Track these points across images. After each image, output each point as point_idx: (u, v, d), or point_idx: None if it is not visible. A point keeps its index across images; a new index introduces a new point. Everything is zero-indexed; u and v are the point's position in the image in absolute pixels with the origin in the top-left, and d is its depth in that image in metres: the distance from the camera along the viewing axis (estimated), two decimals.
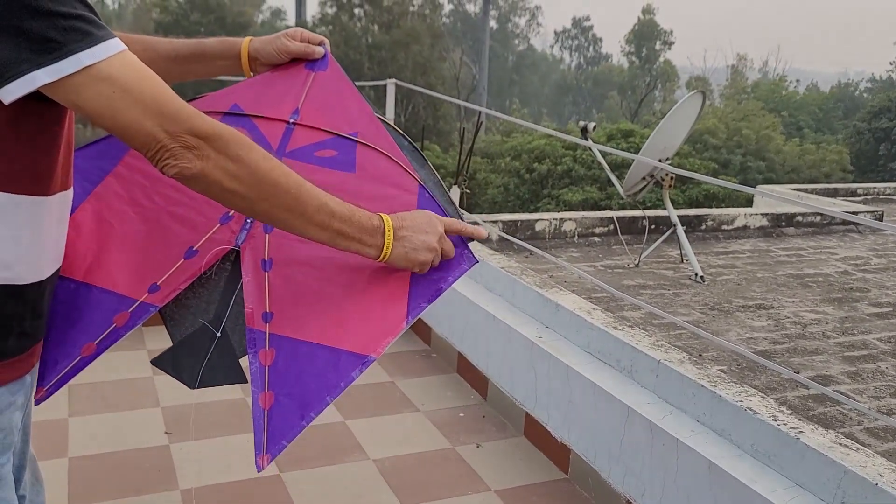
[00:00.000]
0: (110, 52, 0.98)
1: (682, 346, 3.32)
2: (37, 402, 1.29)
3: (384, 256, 1.24)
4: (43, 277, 1.13)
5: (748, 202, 13.05)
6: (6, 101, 0.95)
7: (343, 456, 2.73)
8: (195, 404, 3.03)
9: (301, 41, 1.49)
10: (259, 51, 1.47)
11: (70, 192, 1.18)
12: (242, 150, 1.07)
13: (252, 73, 1.51)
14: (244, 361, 1.34)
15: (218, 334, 1.35)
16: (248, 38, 1.47)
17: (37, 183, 1.06)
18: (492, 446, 2.87)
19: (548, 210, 16.42)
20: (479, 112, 4.35)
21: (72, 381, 3.27)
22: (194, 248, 1.37)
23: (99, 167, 1.44)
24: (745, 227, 6.03)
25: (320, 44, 1.51)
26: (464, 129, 5.28)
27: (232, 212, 1.39)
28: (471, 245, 1.40)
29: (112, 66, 0.98)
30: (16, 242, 1.06)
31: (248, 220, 1.39)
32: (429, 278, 1.33)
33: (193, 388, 1.34)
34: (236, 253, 1.38)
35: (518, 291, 3.23)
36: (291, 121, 1.49)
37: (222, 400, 3.07)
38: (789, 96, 35.18)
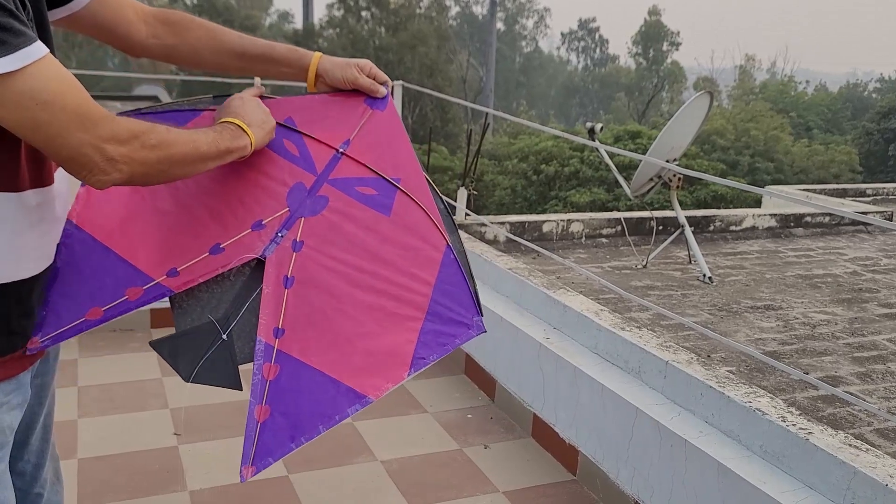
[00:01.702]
0: (29, 59, 0.95)
1: (690, 347, 3.31)
2: (29, 352, 1.26)
3: (254, 146, 1.33)
4: (26, 276, 1.12)
5: (756, 203, 13.00)
6: None
7: (351, 457, 2.73)
8: (203, 406, 3.03)
9: (369, 76, 1.52)
10: (327, 71, 1.50)
11: (55, 188, 1.17)
12: (156, 136, 1.11)
13: (314, 88, 1.53)
14: (243, 369, 1.35)
15: (224, 337, 1.36)
16: (318, 55, 1.50)
17: (4, 179, 1.05)
18: (499, 447, 2.87)
19: (555, 211, 16.39)
20: (487, 114, 4.35)
21: (81, 383, 3.27)
22: (221, 246, 1.39)
23: None
24: (753, 228, 6.01)
25: (384, 83, 1.54)
26: (471, 130, 5.28)
27: (266, 220, 1.42)
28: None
29: (31, 75, 0.95)
30: None
31: (279, 234, 1.42)
32: (437, 338, 1.38)
33: (187, 381, 1.35)
34: (257, 260, 1.39)
35: (526, 292, 3.23)
36: (341, 150, 1.51)
37: (230, 401, 3.08)
38: (798, 97, 35.03)
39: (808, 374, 3.23)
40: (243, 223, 1.41)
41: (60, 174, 1.19)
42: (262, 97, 1.48)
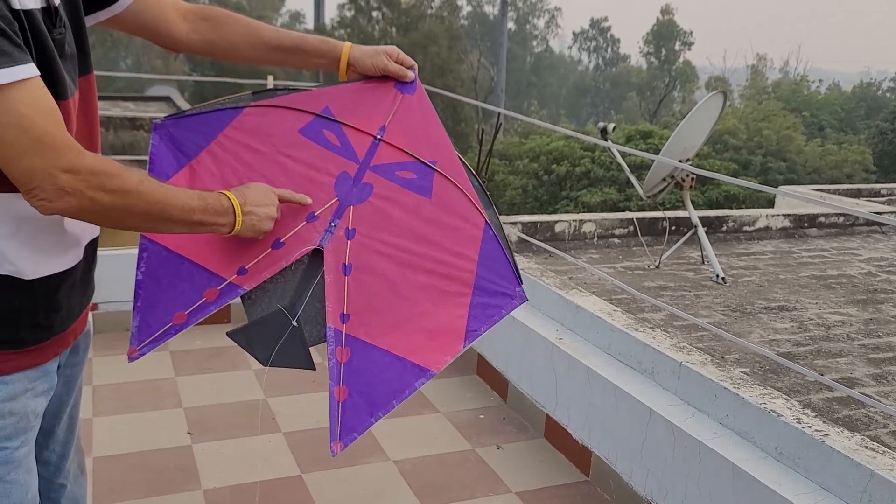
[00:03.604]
0: (4, 80, 0.97)
1: (703, 348, 3.30)
2: (130, 360, 1.43)
3: (235, 231, 1.32)
4: (53, 272, 1.16)
5: (769, 203, 12.92)
6: None
7: (364, 457, 2.74)
8: (216, 405, 3.05)
9: (397, 62, 1.56)
10: (357, 60, 1.55)
11: None
12: (120, 182, 1.10)
13: (346, 77, 1.58)
14: (314, 350, 1.48)
15: (294, 323, 1.47)
16: (348, 44, 1.55)
17: None
18: (512, 448, 2.87)
19: (566, 211, 16.35)
20: (498, 114, 4.35)
21: (96, 382, 3.29)
22: (281, 241, 1.49)
23: (194, 141, 1.52)
24: (766, 229, 5.98)
25: (411, 67, 1.59)
26: (482, 130, 5.27)
27: (318, 212, 1.51)
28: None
29: (3, 95, 0.98)
30: (12, 238, 1.09)
31: (332, 223, 1.51)
32: (485, 310, 1.49)
33: (265, 366, 1.47)
34: (314, 249, 1.50)
35: (538, 293, 3.22)
36: (378, 136, 1.56)
37: (242, 401, 3.09)
38: (811, 96, 34.80)
39: (823, 375, 3.21)
40: (298, 217, 1.50)
41: None
42: (296, 89, 1.54)
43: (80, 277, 1.25)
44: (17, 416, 1.15)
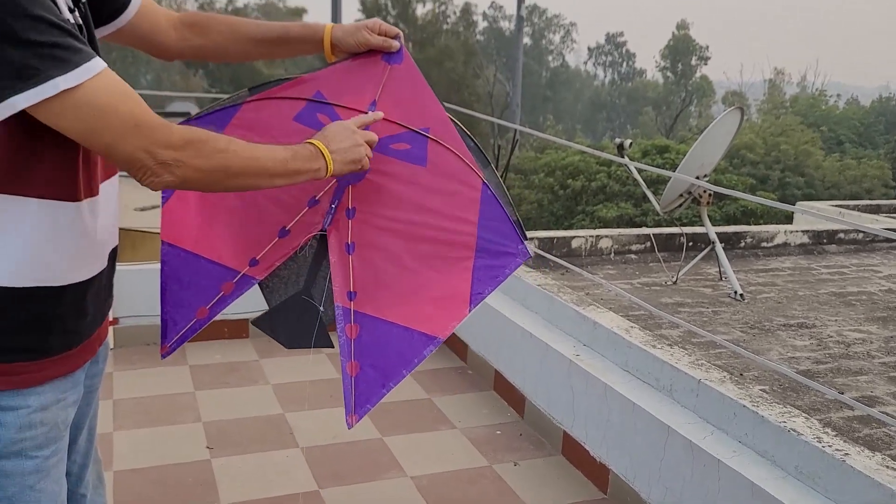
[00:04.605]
0: (88, 74, 1.03)
1: (722, 366, 3.28)
2: (162, 357, 1.52)
3: (331, 171, 1.37)
4: (83, 279, 1.19)
5: (787, 219, 12.84)
6: None
7: (380, 472, 2.74)
8: (235, 420, 3.07)
9: (379, 34, 1.56)
10: (340, 40, 1.56)
11: (100, 199, 1.22)
12: (214, 146, 1.17)
13: (333, 57, 1.59)
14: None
15: (321, 308, 1.53)
16: (329, 25, 1.56)
17: (62, 189, 1.12)
18: (529, 464, 2.86)
19: (582, 226, 16.33)
20: (515, 130, 4.37)
21: (116, 396, 3.31)
22: (287, 228, 1.55)
23: None
24: (785, 245, 5.94)
25: (395, 37, 1.58)
26: (499, 146, 5.30)
27: (318, 196, 1.56)
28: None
29: (90, 89, 1.03)
30: (53, 245, 1.12)
31: (332, 205, 1.55)
32: (490, 272, 1.49)
33: (288, 348, 1.55)
34: (321, 232, 1.55)
35: (555, 309, 3.22)
36: (370, 112, 1.58)
37: (261, 416, 3.11)
38: (829, 111, 34.58)
39: (843, 393, 3.18)
40: (300, 203, 1.55)
41: (106, 185, 1.25)
42: (288, 79, 1.57)
43: (104, 283, 1.28)
44: (48, 426, 1.18)
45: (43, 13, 0.99)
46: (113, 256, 1.31)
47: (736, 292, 4.51)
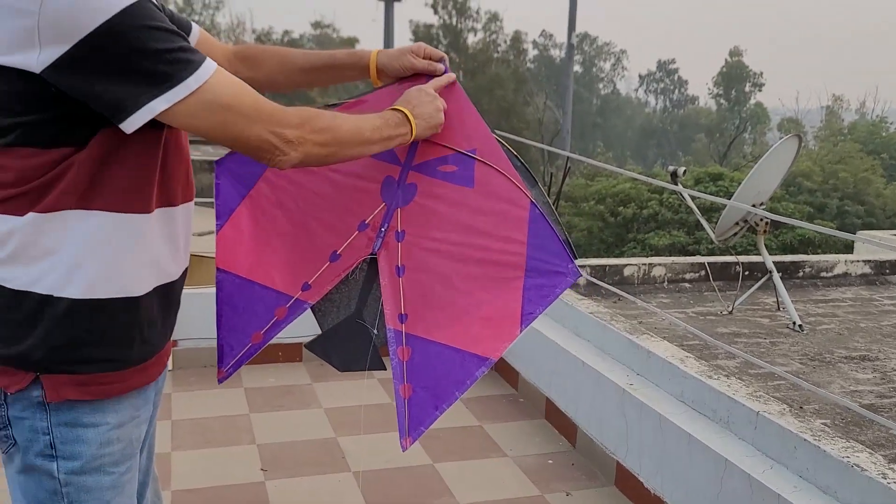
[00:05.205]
0: (209, 72, 1.11)
1: (781, 398, 3.20)
2: (219, 381, 1.55)
3: (413, 136, 1.44)
4: (151, 288, 1.23)
5: (847, 248, 12.49)
6: (129, 131, 1.08)
7: (432, 499, 2.74)
8: (289, 443, 3.10)
9: (424, 57, 1.60)
10: (385, 65, 1.59)
11: (177, 209, 1.26)
12: (323, 121, 1.25)
13: (379, 82, 1.63)
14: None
15: (375, 332, 1.54)
16: (375, 51, 1.60)
17: (139, 202, 1.17)
18: (582, 495, 2.83)
19: (633, 254, 16.14)
20: (567, 159, 4.38)
21: (175, 417, 3.39)
22: (338, 252, 1.57)
23: (251, 171, 1.62)
24: (845, 275, 5.79)
25: (440, 60, 1.61)
26: (551, 174, 5.30)
27: (368, 219, 1.58)
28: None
29: (214, 85, 1.11)
30: (127, 257, 1.17)
31: (382, 229, 1.57)
32: (540, 291, 1.49)
33: (342, 371, 1.56)
34: (371, 256, 1.57)
35: (608, 337, 3.20)
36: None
37: (314, 439, 3.14)
38: (889, 137, 33.62)
39: None
40: (350, 227, 1.58)
41: (183, 207, 1.29)
42: (335, 104, 1.60)
43: (175, 296, 1.31)
44: (124, 442, 1.22)
45: (161, 23, 1.07)
46: (184, 274, 1.36)
47: (795, 323, 4.40)
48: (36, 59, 1.02)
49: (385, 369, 1.55)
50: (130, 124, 1.07)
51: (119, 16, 1.02)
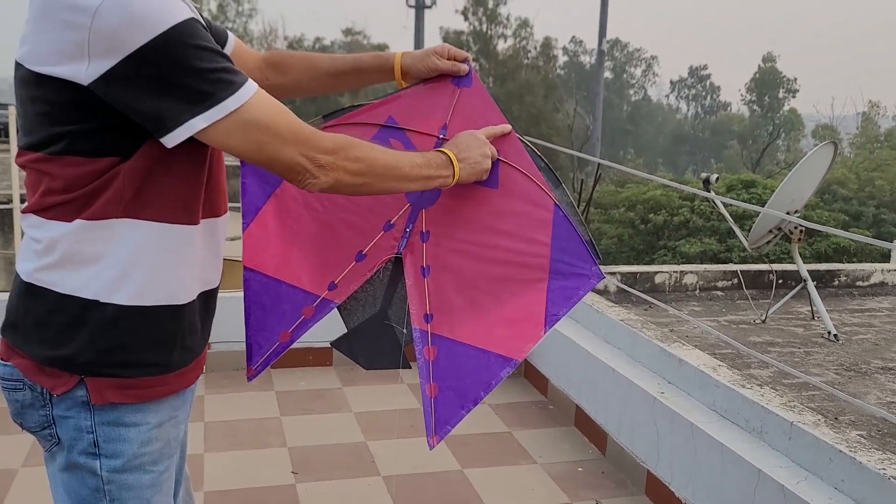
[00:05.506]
0: (249, 93, 1.13)
1: (815, 408, 3.16)
2: (248, 379, 1.57)
3: (456, 180, 1.43)
4: (195, 296, 1.26)
5: (883, 257, 12.25)
6: (169, 146, 1.11)
7: None
8: (320, 446, 3.13)
9: (448, 58, 1.60)
10: (410, 66, 1.60)
11: (220, 219, 1.30)
12: (359, 151, 1.26)
13: (404, 83, 1.64)
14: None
15: (401, 329, 1.56)
16: (399, 53, 1.61)
17: (186, 213, 1.20)
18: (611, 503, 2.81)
19: (664, 262, 15.98)
20: (598, 165, 4.36)
21: (207, 419, 3.43)
22: (363, 252, 1.59)
23: None
24: (882, 284, 5.69)
25: (464, 60, 1.62)
26: (581, 180, 5.29)
27: (393, 220, 1.60)
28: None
29: (252, 106, 1.13)
30: (174, 266, 1.20)
31: (407, 230, 1.59)
32: (563, 293, 1.49)
33: (367, 369, 1.58)
34: (396, 255, 1.59)
35: (638, 345, 3.18)
36: (441, 136, 1.61)
37: (344, 443, 3.17)
38: None
39: None
40: (375, 227, 1.59)
41: (221, 219, 1.32)
42: (361, 105, 1.61)
43: (212, 303, 1.35)
44: (163, 441, 1.25)
45: (206, 43, 1.09)
46: (220, 277, 1.39)
47: (830, 332, 4.33)
48: (85, 71, 1.05)
49: (409, 367, 1.57)
50: (171, 139, 1.10)
51: (167, 33, 1.04)
